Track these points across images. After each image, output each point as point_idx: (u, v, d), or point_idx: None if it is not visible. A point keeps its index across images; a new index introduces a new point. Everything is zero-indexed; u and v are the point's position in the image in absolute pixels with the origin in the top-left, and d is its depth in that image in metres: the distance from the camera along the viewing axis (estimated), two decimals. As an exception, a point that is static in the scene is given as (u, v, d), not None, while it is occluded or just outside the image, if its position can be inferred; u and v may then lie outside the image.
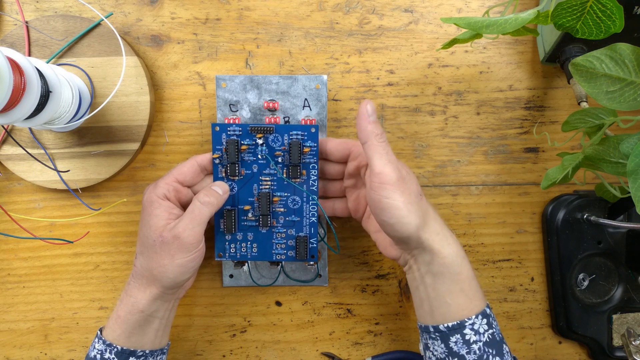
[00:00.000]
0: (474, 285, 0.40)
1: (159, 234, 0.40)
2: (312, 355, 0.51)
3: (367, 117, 0.38)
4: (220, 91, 0.45)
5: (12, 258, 0.49)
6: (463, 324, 0.38)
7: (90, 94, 0.45)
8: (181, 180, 0.42)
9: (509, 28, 0.34)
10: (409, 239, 0.38)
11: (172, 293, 0.42)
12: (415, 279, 0.41)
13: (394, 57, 0.49)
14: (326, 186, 0.46)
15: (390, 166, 0.37)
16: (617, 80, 0.33)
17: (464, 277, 0.39)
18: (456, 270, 0.39)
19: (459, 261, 0.39)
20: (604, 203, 0.48)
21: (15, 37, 0.45)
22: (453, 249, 0.39)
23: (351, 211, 0.46)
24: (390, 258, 0.43)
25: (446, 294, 0.39)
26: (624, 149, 0.34)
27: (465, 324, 0.38)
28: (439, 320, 0.39)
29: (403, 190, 0.37)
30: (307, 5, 0.48)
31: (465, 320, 0.38)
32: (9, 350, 0.50)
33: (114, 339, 0.41)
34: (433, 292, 0.39)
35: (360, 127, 0.38)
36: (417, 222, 0.37)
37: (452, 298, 0.39)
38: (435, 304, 0.39)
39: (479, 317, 0.39)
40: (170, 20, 0.48)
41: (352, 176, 0.44)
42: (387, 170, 0.37)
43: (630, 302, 0.50)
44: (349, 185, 0.45)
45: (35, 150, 0.46)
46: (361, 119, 0.38)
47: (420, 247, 0.39)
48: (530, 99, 0.49)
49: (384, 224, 0.38)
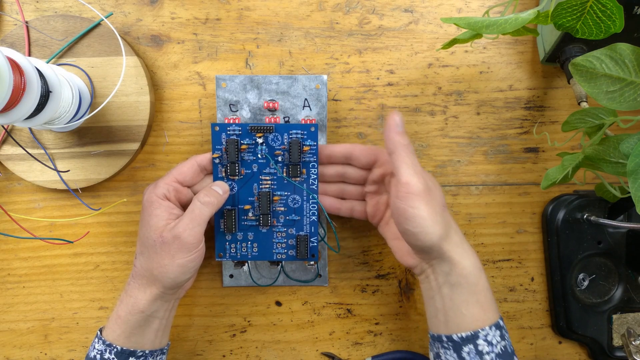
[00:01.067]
0: (489, 296, 0.40)
1: (159, 234, 0.40)
2: (312, 355, 0.51)
3: (395, 127, 0.39)
4: (220, 91, 0.45)
5: (12, 258, 0.49)
6: (477, 335, 0.38)
7: (90, 94, 0.45)
8: (181, 180, 0.42)
9: (509, 28, 0.34)
10: (431, 248, 0.38)
11: (172, 293, 0.42)
12: (432, 288, 0.41)
13: (394, 57, 0.49)
14: (346, 189, 0.47)
15: (417, 177, 0.38)
16: (617, 80, 0.33)
17: (480, 288, 0.39)
18: (474, 282, 0.39)
19: (476, 272, 0.39)
20: (604, 203, 0.48)
21: (15, 37, 0.45)
22: (472, 260, 0.39)
23: (369, 215, 0.46)
24: (407, 266, 0.43)
25: (462, 304, 0.39)
26: (624, 149, 0.34)
27: (479, 335, 0.38)
28: (453, 330, 0.39)
29: (428, 201, 0.37)
30: (307, 5, 0.48)
31: (479, 331, 0.38)
32: (9, 350, 0.50)
33: (114, 339, 0.41)
34: (450, 302, 0.39)
35: (388, 138, 0.39)
36: (440, 232, 0.38)
37: (468, 309, 0.39)
38: (451, 314, 0.39)
39: (492, 328, 0.39)
40: (170, 20, 0.48)
41: (376, 182, 0.45)
42: (414, 181, 0.37)
43: (630, 302, 0.50)
44: (370, 191, 0.45)
45: (35, 150, 0.46)
46: (389, 129, 0.39)
47: (441, 257, 0.39)
48: (530, 99, 0.49)
49: (407, 233, 0.38)
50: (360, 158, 0.44)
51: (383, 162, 0.44)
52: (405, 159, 0.38)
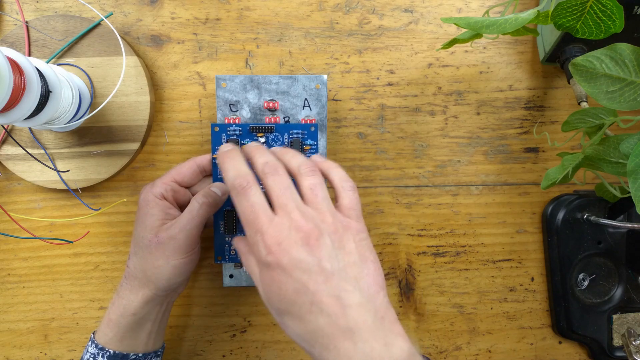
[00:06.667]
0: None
1: (154, 234, 0.39)
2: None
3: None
4: (220, 91, 0.45)
5: (12, 258, 0.49)
6: None
7: (90, 94, 0.45)
8: (179, 181, 0.42)
9: (509, 28, 0.34)
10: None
11: (165, 295, 0.41)
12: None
13: (394, 57, 0.49)
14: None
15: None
16: (617, 80, 0.33)
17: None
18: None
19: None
20: (604, 203, 0.48)
21: (15, 37, 0.45)
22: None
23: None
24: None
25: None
26: (624, 149, 0.34)
27: None
28: None
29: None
30: (307, 5, 0.48)
31: None
32: (9, 350, 0.50)
33: (106, 343, 0.40)
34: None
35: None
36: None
37: None
38: None
39: None
40: (170, 20, 0.48)
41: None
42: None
43: (630, 302, 0.50)
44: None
45: (35, 150, 0.46)
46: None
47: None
48: (530, 99, 0.49)
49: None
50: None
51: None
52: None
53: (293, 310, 0.31)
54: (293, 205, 0.32)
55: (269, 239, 0.31)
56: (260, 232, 0.31)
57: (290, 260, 0.31)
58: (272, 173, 0.34)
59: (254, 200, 0.33)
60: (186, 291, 0.50)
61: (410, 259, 0.50)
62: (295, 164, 0.36)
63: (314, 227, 0.32)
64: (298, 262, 0.31)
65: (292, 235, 0.31)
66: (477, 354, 0.51)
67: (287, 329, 0.32)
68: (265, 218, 0.32)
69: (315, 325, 0.30)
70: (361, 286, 0.32)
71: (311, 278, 0.30)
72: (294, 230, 0.31)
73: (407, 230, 0.50)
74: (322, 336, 0.30)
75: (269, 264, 0.31)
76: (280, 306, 0.31)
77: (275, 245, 0.31)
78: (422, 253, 0.50)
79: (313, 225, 0.32)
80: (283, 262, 0.31)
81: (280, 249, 0.31)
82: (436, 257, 0.50)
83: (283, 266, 0.31)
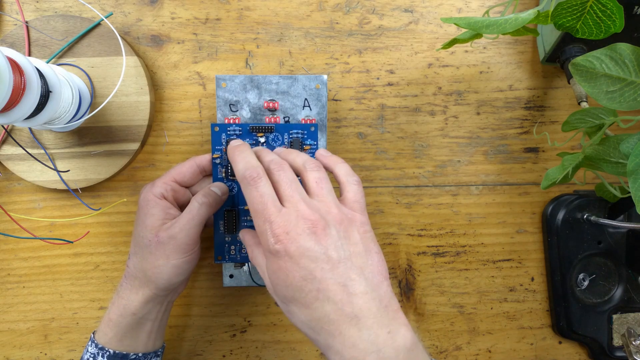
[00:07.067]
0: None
1: (154, 233, 0.39)
2: (312, 355, 0.51)
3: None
4: (220, 91, 0.45)
5: (12, 258, 0.49)
6: None
7: (90, 94, 0.45)
8: (179, 180, 0.42)
9: (509, 28, 0.34)
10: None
11: (165, 295, 0.41)
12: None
13: (394, 57, 0.49)
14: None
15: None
16: (617, 80, 0.33)
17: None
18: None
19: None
20: (604, 203, 0.48)
21: (15, 37, 0.45)
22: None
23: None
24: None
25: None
26: (624, 149, 0.34)
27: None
28: None
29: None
30: (307, 5, 0.48)
31: None
32: (9, 350, 0.50)
33: (106, 343, 0.40)
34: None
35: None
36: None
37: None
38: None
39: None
40: (170, 20, 0.48)
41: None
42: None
43: (630, 302, 0.50)
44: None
45: (35, 150, 0.46)
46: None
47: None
48: (530, 99, 0.49)
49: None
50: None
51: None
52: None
53: (299, 297, 0.32)
54: (299, 197, 0.34)
55: (277, 228, 0.32)
56: (268, 222, 0.32)
57: (298, 248, 0.31)
58: (278, 169, 0.36)
59: (263, 190, 0.34)
60: (186, 291, 0.50)
61: (410, 259, 0.50)
62: (300, 161, 0.37)
63: (320, 218, 0.33)
64: (305, 250, 0.31)
65: (299, 225, 0.32)
66: (477, 354, 0.51)
67: (293, 317, 0.33)
68: (274, 208, 0.33)
69: (321, 313, 0.31)
70: (366, 275, 0.32)
71: (318, 266, 0.31)
72: (301, 220, 0.32)
73: (407, 230, 0.50)
74: (328, 323, 0.31)
75: (277, 252, 0.32)
76: (287, 294, 0.32)
77: (284, 234, 0.32)
78: (422, 253, 0.50)
79: (319, 216, 0.33)
80: (291, 250, 0.31)
81: (288, 237, 0.32)
82: (436, 257, 0.50)
83: (291, 254, 0.31)
